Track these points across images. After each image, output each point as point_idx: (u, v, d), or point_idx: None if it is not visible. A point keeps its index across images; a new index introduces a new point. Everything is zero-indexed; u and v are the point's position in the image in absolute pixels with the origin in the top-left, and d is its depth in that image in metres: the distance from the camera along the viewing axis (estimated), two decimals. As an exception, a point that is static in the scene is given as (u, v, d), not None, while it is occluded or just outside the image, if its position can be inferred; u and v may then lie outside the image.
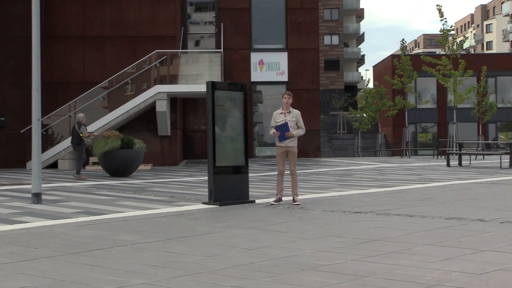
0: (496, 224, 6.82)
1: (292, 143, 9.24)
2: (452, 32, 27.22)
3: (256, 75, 23.17)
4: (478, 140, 31.36)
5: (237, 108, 9.45)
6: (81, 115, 15.21)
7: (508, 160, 18.66)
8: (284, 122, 9.11)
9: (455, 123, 26.23)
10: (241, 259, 4.93)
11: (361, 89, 44.58)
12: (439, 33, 26.70)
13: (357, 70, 68.23)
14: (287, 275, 4.31)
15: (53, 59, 20.04)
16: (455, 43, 26.95)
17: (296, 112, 9.30)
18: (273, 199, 9.37)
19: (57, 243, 5.79)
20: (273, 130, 9.17)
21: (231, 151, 9.37)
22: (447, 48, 25.78)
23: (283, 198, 9.45)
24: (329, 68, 56.66)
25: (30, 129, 16.11)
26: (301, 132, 9.25)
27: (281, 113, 9.32)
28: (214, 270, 4.53)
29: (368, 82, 44.21)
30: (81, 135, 14.73)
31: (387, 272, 4.39)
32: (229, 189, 9.18)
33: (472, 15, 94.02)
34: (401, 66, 31.87)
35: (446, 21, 25.62)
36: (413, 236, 6.04)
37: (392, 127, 39.58)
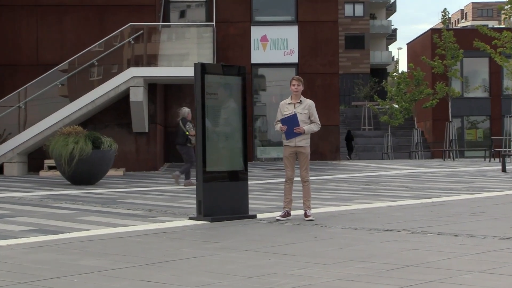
0: None
1: (303, 142, 9.24)
2: None
3: (258, 55, 23.19)
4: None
5: (233, 97, 9.46)
6: (186, 109, 15.51)
7: None
8: (292, 113, 9.13)
9: (512, 116, 26.18)
10: (238, 290, 4.94)
11: (391, 73, 44.55)
12: (494, 1, 26.65)
13: (387, 48, 68.26)
14: (297, 311, 4.32)
15: (-1, 34, 20.06)
16: None
17: (309, 103, 9.30)
18: (279, 213, 9.39)
19: (3, 270, 5.80)
20: (279, 125, 9.18)
21: (226, 152, 9.38)
22: (509, 18, 25.59)
23: (292, 212, 9.47)
24: (351, 46, 56.72)
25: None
26: (315, 127, 9.25)
27: (289, 103, 9.33)
28: (204, 304, 4.53)
29: (397, 63, 44.10)
30: (186, 133, 15.04)
31: (425, 307, 4.39)
32: (223, 200, 9.19)
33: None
34: (443, 44, 31.86)
35: None
36: (458, 261, 6.04)
37: (431, 121, 39.61)
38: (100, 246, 7.05)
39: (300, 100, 9.30)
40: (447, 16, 32.62)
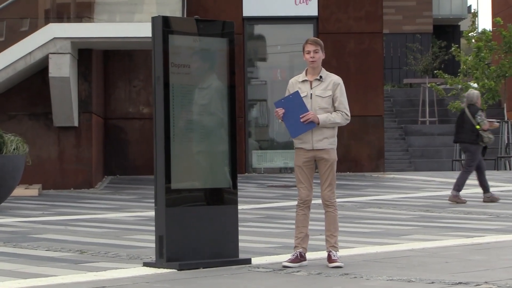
0: None
1: (326, 143, 9.25)
2: None
3: (254, 5, 23.17)
4: None
5: (215, 71, 9.46)
6: (475, 93, 16.15)
7: None
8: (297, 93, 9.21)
9: None
10: None
11: (467, 32, 44.35)
12: None
13: (460, -6, 68.17)
14: None
15: None
16: None
17: (334, 80, 9.30)
18: (288, 256, 9.40)
19: None
20: (279, 114, 9.21)
21: (203, 159, 9.38)
22: None
23: (309, 255, 9.47)
24: (402, -10, 56.65)
25: None
26: (338, 119, 9.22)
27: (303, 81, 9.35)
28: None
29: (475, 17, 44.02)
30: (477, 127, 15.60)
31: None
32: (198, 236, 9.19)
33: None
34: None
35: None
36: None
37: (530, 109, 39.62)
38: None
39: (320, 76, 9.31)
40: None
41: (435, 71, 43.29)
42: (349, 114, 9.32)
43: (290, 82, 9.43)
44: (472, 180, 21.52)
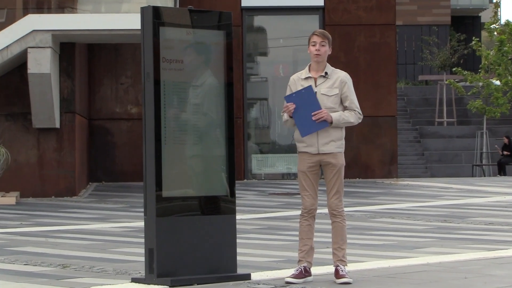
0: None
1: (333, 146, 9.25)
2: None
3: (254, -6, 23.21)
4: None
5: (211, 67, 9.45)
6: None
7: None
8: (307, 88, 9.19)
9: None
10: None
11: (488, 24, 44.37)
12: None
13: (480, -17, 68.22)
14: None
15: None
16: None
17: (341, 77, 9.30)
18: (292, 271, 9.40)
19: None
20: (289, 109, 9.18)
21: (197, 164, 9.38)
22: None
23: (314, 270, 9.47)
24: (417, -22, 56.67)
25: None
26: (351, 118, 9.22)
27: (306, 77, 9.34)
28: None
29: (497, 8, 44.05)
30: None
31: None
32: (192, 249, 9.18)
33: None
34: None
35: None
36: None
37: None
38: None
39: (326, 73, 9.31)
40: None
41: (454, 67, 43.29)
42: (361, 113, 9.32)
43: (291, 79, 9.41)
44: (495, 187, 21.56)
